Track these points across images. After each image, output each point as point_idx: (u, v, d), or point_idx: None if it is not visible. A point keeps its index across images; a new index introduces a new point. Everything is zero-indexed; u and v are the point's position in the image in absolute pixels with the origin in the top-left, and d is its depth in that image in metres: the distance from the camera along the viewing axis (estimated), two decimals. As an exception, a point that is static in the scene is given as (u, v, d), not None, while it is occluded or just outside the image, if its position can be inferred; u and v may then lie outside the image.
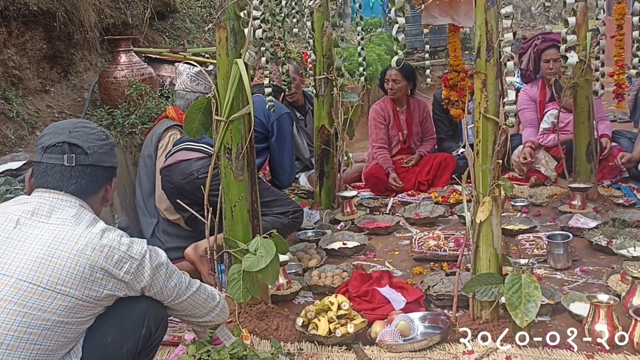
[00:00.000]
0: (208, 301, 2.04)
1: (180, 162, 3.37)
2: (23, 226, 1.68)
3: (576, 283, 3.01)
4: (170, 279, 1.87)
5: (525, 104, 4.95)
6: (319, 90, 4.34)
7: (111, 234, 1.74)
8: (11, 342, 1.57)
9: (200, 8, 7.29)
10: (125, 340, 1.80)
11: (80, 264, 1.65)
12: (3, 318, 1.57)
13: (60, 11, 4.69)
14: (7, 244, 1.65)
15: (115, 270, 1.71)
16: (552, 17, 17.08)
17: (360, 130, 5.95)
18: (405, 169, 4.98)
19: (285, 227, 3.42)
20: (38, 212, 1.71)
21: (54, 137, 1.79)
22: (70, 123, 1.87)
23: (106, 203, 1.93)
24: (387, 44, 9.85)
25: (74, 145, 1.78)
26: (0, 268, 1.62)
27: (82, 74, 5.07)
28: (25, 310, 1.59)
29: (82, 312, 1.68)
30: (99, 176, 1.83)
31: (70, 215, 1.72)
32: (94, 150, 1.81)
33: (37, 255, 1.63)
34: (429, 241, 3.54)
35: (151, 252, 1.81)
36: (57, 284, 1.62)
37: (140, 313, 1.83)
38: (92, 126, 1.88)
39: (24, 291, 1.60)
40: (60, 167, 1.77)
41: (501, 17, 2.35)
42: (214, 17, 2.62)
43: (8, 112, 3.96)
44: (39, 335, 1.60)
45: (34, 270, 1.61)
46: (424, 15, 4.38)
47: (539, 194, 4.50)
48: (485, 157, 2.44)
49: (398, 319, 2.54)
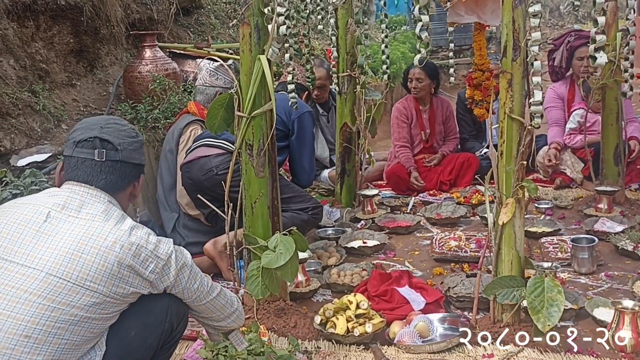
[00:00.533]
0: (226, 307, 2.03)
1: (199, 158, 3.39)
2: (53, 220, 1.69)
3: (601, 288, 2.96)
4: (193, 281, 1.88)
5: (553, 103, 4.86)
6: (341, 88, 4.32)
7: (139, 232, 1.75)
8: (39, 335, 1.58)
9: (225, 4, 7.31)
10: (147, 335, 1.81)
11: (109, 261, 1.66)
12: (32, 312, 1.59)
13: (88, 6, 4.74)
14: (37, 238, 1.66)
15: (142, 268, 1.72)
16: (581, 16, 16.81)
17: (382, 128, 5.92)
18: (427, 168, 4.94)
19: (304, 223, 3.42)
20: (68, 206, 1.73)
21: (86, 132, 1.81)
22: (102, 119, 1.90)
23: (133, 199, 1.95)
24: (411, 42, 9.77)
25: (105, 140, 1.80)
26: (31, 262, 1.63)
27: (107, 69, 5.12)
28: (54, 305, 1.60)
29: (108, 309, 1.69)
30: (127, 172, 1.85)
31: (100, 211, 1.74)
32: (124, 147, 1.83)
33: (67, 251, 1.64)
34: (450, 242, 3.51)
35: (177, 253, 1.82)
36: (86, 280, 1.63)
37: (162, 308, 1.84)
38: (123, 123, 1.90)
39: (54, 286, 1.61)
40: (91, 162, 1.79)
41: (529, 16, 2.31)
42: (239, 13, 2.62)
43: (35, 105, 4.01)
44: (66, 330, 1.61)
45: (63, 266, 1.62)
46: (449, 14, 4.34)
47: (564, 196, 4.43)
48: (510, 158, 2.40)
49: (417, 319, 2.52)
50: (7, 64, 3.99)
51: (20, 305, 1.59)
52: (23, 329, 1.57)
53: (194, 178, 3.38)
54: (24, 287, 1.60)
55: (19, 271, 1.62)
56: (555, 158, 4.64)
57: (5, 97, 3.79)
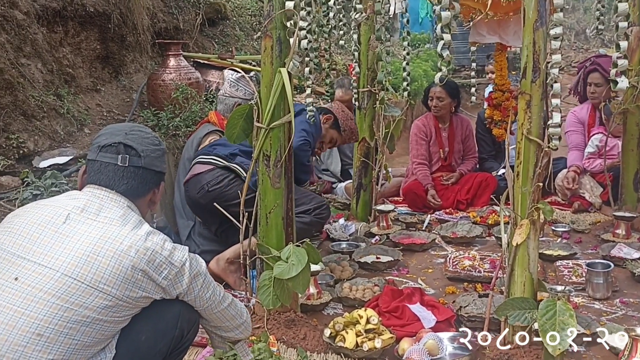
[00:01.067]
0: (236, 317, 2.04)
1: (193, 176, 3.40)
2: (72, 221, 1.72)
3: (615, 314, 2.92)
4: (206, 290, 1.89)
5: (573, 127, 4.84)
6: (361, 103, 4.35)
7: (155, 238, 1.76)
8: (51, 334, 1.60)
9: (250, 16, 7.40)
10: (158, 340, 1.83)
11: (123, 265, 1.68)
12: (46, 311, 1.61)
13: (115, 14, 4.83)
14: (55, 239, 1.69)
15: (155, 274, 1.73)
16: (608, 40, 16.69)
17: (401, 145, 5.93)
18: (444, 186, 4.92)
19: (308, 225, 3.38)
20: (87, 209, 1.76)
21: (111, 137, 1.85)
22: (127, 126, 1.94)
23: (153, 206, 1.98)
24: (434, 60, 9.78)
25: (128, 146, 1.84)
26: (48, 261, 1.66)
27: (131, 75, 5.20)
28: (67, 305, 1.62)
29: (120, 312, 1.71)
30: (148, 179, 1.88)
31: (118, 215, 1.76)
32: (147, 154, 1.86)
33: (83, 252, 1.66)
34: (464, 261, 3.49)
35: (192, 261, 1.83)
36: (100, 282, 1.65)
37: (174, 314, 1.86)
38: (147, 131, 1.94)
39: (68, 287, 1.63)
40: (114, 167, 1.82)
41: (550, 38, 2.32)
42: (263, 25, 2.66)
43: (59, 109, 4.09)
44: (78, 331, 1.63)
45: (79, 267, 1.65)
46: (471, 33, 4.36)
47: (581, 220, 4.38)
48: (526, 179, 2.40)
49: (427, 337, 2.51)
50: (35, 68, 4.08)
51: (34, 304, 1.61)
52: (36, 327, 1.60)
53: (192, 197, 3.40)
54: (39, 286, 1.63)
55: (35, 270, 1.65)
56: (574, 181, 4.61)
57: (31, 99, 3.87)
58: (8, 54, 3.82)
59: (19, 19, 3.99)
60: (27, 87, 3.90)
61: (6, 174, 3.46)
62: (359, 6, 3.85)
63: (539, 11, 2.31)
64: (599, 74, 4.52)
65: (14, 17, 3.97)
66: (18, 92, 3.78)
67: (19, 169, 3.56)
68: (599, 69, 4.50)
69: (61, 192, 3.29)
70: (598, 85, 4.53)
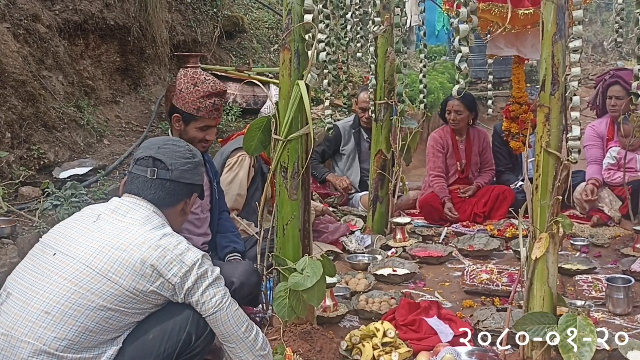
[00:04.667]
0: (245, 338, 1.98)
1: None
2: (102, 221, 1.90)
3: (636, 330, 2.87)
4: (212, 294, 1.90)
5: (592, 141, 4.80)
6: (378, 115, 4.35)
7: (171, 239, 1.89)
8: (57, 313, 1.75)
9: (268, 29, 7.47)
10: (164, 340, 1.88)
11: (134, 257, 1.81)
12: (56, 292, 1.77)
13: (135, 27, 4.90)
14: (83, 234, 1.87)
15: (165, 270, 1.83)
16: (626, 52, 16.56)
17: (417, 157, 5.92)
18: (461, 199, 4.90)
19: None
20: (117, 211, 1.94)
21: (145, 151, 2.04)
22: (162, 140, 2.11)
23: (185, 215, 2.12)
24: (450, 72, 9.78)
25: (158, 160, 2.01)
26: (72, 252, 1.83)
27: (150, 87, 5.27)
28: (75, 288, 1.77)
29: (126, 303, 1.81)
30: (177, 190, 2.03)
31: (142, 217, 1.93)
32: (176, 167, 2.01)
33: (100, 244, 1.83)
34: (482, 274, 3.46)
35: (202, 261, 1.91)
36: (110, 271, 1.79)
37: (184, 317, 1.91)
38: (180, 145, 2.09)
39: (80, 272, 1.79)
40: (144, 179, 2.00)
41: (569, 51, 2.31)
42: (280, 38, 2.68)
43: (79, 120, 4.15)
44: (82, 314, 1.76)
45: (93, 257, 1.81)
46: (489, 46, 4.35)
47: (600, 234, 4.33)
48: (545, 192, 2.38)
49: (444, 351, 2.48)
50: (56, 80, 4.15)
51: (48, 285, 1.79)
52: (45, 305, 1.76)
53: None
54: (56, 270, 1.81)
55: (61, 259, 1.83)
56: (592, 194, 4.56)
57: (52, 111, 3.93)
58: (30, 67, 3.88)
59: (41, 32, 4.07)
60: (48, 99, 3.96)
61: (27, 185, 3.51)
62: (376, 19, 3.87)
63: (558, 24, 2.30)
64: (620, 86, 4.49)
65: (37, 30, 4.04)
66: (39, 103, 3.84)
67: (40, 180, 3.62)
68: (620, 81, 4.47)
69: (80, 202, 3.34)
70: (619, 98, 4.49)
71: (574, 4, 2.33)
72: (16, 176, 3.48)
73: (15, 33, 3.86)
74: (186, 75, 2.82)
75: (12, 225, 3.11)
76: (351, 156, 5.16)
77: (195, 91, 2.78)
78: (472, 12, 2.40)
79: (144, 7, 4.98)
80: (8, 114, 3.60)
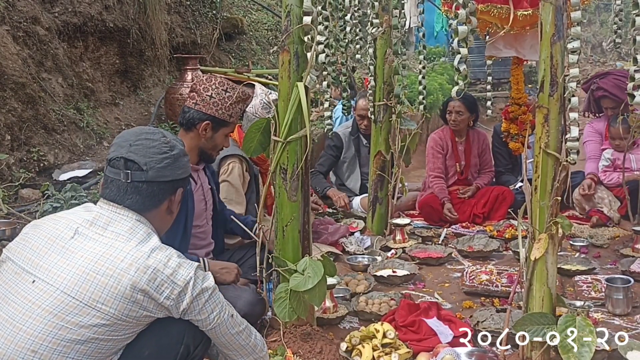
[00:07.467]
0: (246, 347, 1.94)
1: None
2: (80, 236, 1.71)
3: (635, 330, 2.87)
4: (210, 311, 1.80)
5: (591, 137, 4.82)
6: (377, 117, 4.36)
7: (159, 255, 1.71)
8: (45, 352, 1.61)
9: (267, 31, 7.48)
10: (161, 356, 1.78)
11: (122, 284, 1.64)
12: (41, 328, 1.62)
13: (134, 29, 4.91)
14: (61, 255, 1.69)
15: (156, 293, 1.68)
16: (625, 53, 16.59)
17: (417, 158, 5.93)
18: (461, 200, 4.90)
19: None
20: (96, 223, 1.74)
21: (117, 149, 1.80)
22: (134, 134, 1.85)
23: (173, 214, 1.93)
24: (449, 73, 9.80)
25: (130, 161, 1.78)
26: (50, 278, 1.66)
27: (150, 89, 5.28)
28: (62, 323, 1.62)
29: (119, 331, 1.68)
30: (157, 191, 1.81)
31: (125, 230, 1.74)
32: (151, 166, 1.79)
33: (83, 270, 1.65)
34: (481, 275, 3.46)
35: (196, 280, 1.76)
36: (98, 301, 1.63)
37: (179, 330, 1.80)
38: (154, 138, 1.84)
39: (66, 305, 1.63)
40: (118, 182, 1.78)
41: (567, 52, 2.31)
42: (279, 40, 2.68)
43: (79, 122, 4.16)
44: (72, 349, 1.63)
45: (78, 285, 1.64)
46: (488, 47, 4.36)
47: (600, 234, 4.33)
48: (544, 193, 2.38)
49: (444, 352, 2.49)
50: (55, 82, 4.15)
51: (32, 320, 1.63)
52: (31, 343, 1.61)
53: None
54: (38, 303, 1.64)
55: (38, 286, 1.66)
56: (590, 189, 4.56)
57: (52, 113, 3.94)
58: (30, 69, 3.89)
59: (40, 35, 4.07)
60: (48, 101, 3.97)
61: (27, 187, 3.52)
62: (375, 21, 3.88)
63: (556, 25, 2.31)
64: (609, 100, 4.55)
65: (36, 32, 4.05)
66: (39, 106, 3.84)
67: (40, 182, 3.62)
68: (608, 94, 4.53)
69: (80, 204, 3.34)
70: (613, 108, 4.54)
71: (572, 5, 2.34)
72: (16, 178, 3.49)
73: (15, 35, 3.86)
74: (212, 81, 2.78)
75: (12, 227, 3.11)
76: (352, 162, 5.19)
77: (228, 97, 2.77)
78: (471, 13, 2.41)
79: (143, 9, 4.98)
80: (8, 116, 3.60)
